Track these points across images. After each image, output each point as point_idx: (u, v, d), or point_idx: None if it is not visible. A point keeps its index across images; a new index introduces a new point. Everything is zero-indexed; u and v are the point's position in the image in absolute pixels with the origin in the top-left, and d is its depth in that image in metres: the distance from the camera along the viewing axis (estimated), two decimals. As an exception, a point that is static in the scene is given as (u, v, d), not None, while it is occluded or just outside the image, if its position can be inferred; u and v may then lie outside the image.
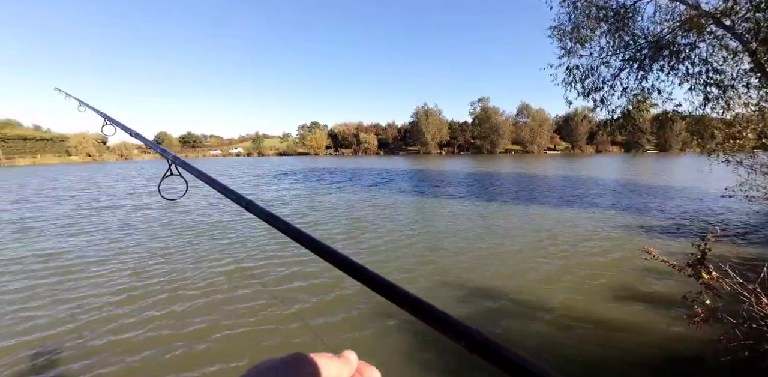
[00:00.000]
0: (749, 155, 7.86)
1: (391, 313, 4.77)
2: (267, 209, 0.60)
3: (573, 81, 8.71)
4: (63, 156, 69.10)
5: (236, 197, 0.73)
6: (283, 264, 6.90)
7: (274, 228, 0.57)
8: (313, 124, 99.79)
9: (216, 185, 0.78)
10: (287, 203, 15.06)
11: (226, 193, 0.75)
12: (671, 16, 7.88)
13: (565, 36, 8.46)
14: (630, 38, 8.04)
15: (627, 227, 9.94)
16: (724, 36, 7.40)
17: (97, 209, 13.47)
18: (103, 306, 5.23)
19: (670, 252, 7.36)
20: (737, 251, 7.57)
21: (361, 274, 0.46)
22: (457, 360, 3.84)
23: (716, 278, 3.38)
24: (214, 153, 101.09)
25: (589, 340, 4.28)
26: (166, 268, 6.81)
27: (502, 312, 5.03)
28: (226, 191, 0.76)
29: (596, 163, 43.30)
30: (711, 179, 15.92)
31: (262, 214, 0.62)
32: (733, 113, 7.50)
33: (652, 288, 5.73)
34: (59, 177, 29.79)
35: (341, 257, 0.48)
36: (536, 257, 7.36)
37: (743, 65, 7.31)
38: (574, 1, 8.06)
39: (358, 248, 8.11)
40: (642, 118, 8.60)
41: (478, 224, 10.41)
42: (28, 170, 44.20)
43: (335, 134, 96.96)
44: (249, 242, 8.50)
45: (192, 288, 5.82)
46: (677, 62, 7.54)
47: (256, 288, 5.81)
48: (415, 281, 6.09)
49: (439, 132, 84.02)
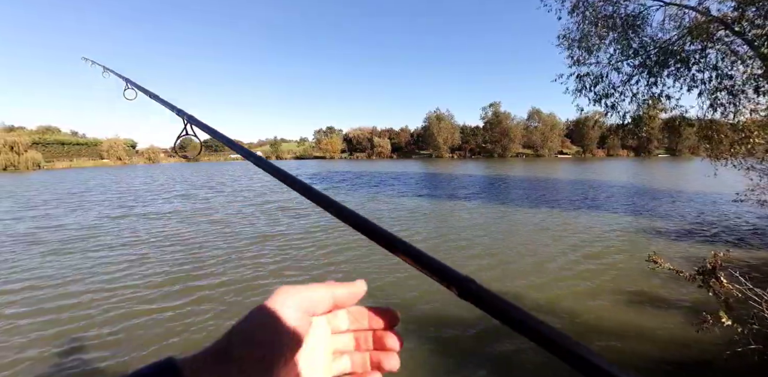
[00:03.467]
0: (760, 160, 7.85)
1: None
2: (274, 165, 0.63)
3: (584, 88, 8.80)
4: (96, 159, 72.85)
5: (246, 153, 0.77)
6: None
7: (284, 183, 0.58)
8: (328, 128, 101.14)
9: (230, 143, 0.83)
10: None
11: (238, 149, 0.80)
12: (680, 23, 7.95)
13: (574, 45, 8.56)
14: (639, 46, 8.12)
15: (638, 230, 9.92)
16: (733, 41, 7.43)
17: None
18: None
19: (683, 257, 7.37)
20: (748, 255, 7.54)
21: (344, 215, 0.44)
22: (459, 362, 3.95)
23: (726, 287, 3.44)
24: (235, 156, 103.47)
25: (599, 344, 4.35)
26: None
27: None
28: (237, 148, 0.81)
29: (607, 167, 42.82)
30: (722, 183, 15.70)
31: (271, 169, 0.64)
32: (742, 118, 7.52)
33: (662, 293, 5.77)
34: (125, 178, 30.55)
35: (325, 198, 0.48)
36: (544, 261, 7.42)
37: (755, 70, 7.32)
38: (582, 11, 8.17)
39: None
40: (652, 123, 8.65)
41: (488, 226, 10.47)
42: (72, 172, 45.53)
43: (350, 139, 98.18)
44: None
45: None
46: (686, 69, 7.60)
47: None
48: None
49: (451, 136, 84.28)
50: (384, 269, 6.79)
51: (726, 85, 7.44)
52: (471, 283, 0.34)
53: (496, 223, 11.43)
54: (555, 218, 11.89)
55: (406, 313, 5.12)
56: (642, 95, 8.38)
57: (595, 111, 8.89)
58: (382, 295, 5.78)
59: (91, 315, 5.22)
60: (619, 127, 9.02)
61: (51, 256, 8.13)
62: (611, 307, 5.38)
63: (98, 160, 72.88)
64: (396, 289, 6.00)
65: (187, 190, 22.13)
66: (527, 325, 0.30)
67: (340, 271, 6.97)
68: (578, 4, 8.16)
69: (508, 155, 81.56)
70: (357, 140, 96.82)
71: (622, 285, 6.14)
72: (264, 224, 11.35)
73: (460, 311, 4.95)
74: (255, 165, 0.71)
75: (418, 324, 4.86)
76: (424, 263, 0.36)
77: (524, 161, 67.69)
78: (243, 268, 7.15)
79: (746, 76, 7.37)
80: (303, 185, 0.53)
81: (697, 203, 14.69)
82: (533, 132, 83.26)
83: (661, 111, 8.51)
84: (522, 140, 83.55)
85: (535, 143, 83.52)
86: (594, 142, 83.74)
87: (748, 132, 7.20)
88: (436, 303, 5.40)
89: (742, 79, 7.41)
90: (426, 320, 4.97)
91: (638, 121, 8.66)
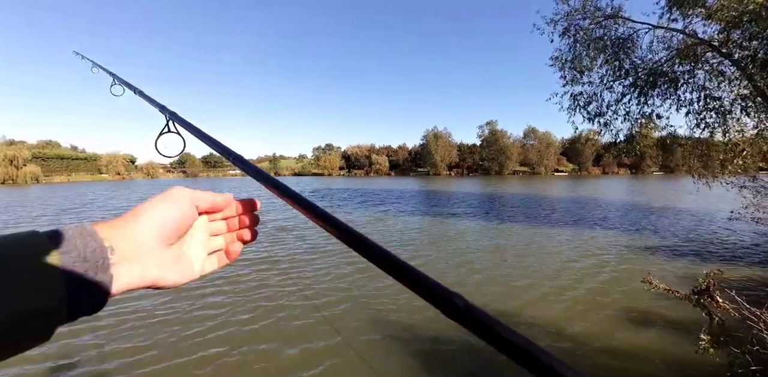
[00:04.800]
0: (750, 178, 7.93)
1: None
2: (254, 165, 0.61)
3: (578, 106, 8.95)
4: (95, 174, 73.35)
5: (225, 151, 0.75)
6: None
7: (264, 185, 0.55)
8: (327, 146, 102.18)
9: (212, 142, 0.81)
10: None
11: (218, 149, 0.79)
12: (668, 45, 8.17)
13: (566, 66, 8.76)
14: (630, 67, 8.32)
15: (634, 249, 9.88)
16: (721, 62, 7.62)
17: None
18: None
19: (679, 275, 7.32)
20: (743, 273, 7.50)
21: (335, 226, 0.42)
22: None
23: (723, 306, 3.40)
24: (233, 173, 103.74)
25: (596, 365, 4.26)
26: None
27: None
28: (218, 147, 0.79)
29: (603, 184, 43.08)
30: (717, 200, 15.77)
31: (249, 169, 0.61)
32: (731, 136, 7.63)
33: (659, 313, 5.70)
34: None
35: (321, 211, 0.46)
36: (542, 279, 7.35)
37: (741, 90, 7.48)
38: (573, 34, 8.41)
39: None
40: (645, 141, 8.77)
41: (483, 245, 10.41)
42: (68, 186, 45.12)
43: (348, 156, 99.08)
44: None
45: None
46: (675, 89, 7.77)
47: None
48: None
49: (448, 154, 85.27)
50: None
51: (714, 106, 7.59)
52: (458, 299, 0.32)
53: (491, 240, 11.39)
54: (549, 236, 11.86)
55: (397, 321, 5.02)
56: (634, 113, 8.54)
57: (589, 129, 9.02)
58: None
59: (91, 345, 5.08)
60: (611, 145, 9.14)
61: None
62: (608, 327, 5.30)
63: (97, 175, 73.34)
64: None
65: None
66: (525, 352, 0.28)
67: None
68: (569, 28, 8.41)
69: (505, 173, 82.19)
70: (355, 157, 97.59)
71: (619, 305, 6.07)
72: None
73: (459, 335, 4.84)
74: (237, 167, 0.70)
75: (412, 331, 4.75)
76: (404, 274, 0.36)
77: (521, 178, 68.07)
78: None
79: (733, 97, 7.52)
80: (287, 189, 0.53)
81: (693, 221, 14.71)
82: (529, 150, 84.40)
83: (652, 130, 8.65)
84: (518, 158, 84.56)
85: (531, 161, 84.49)
86: (590, 160, 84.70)
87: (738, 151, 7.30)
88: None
89: (729, 100, 7.56)
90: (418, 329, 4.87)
91: (631, 139, 8.78)
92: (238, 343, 4.78)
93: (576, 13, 8.33)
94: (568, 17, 8.44)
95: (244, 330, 5.21)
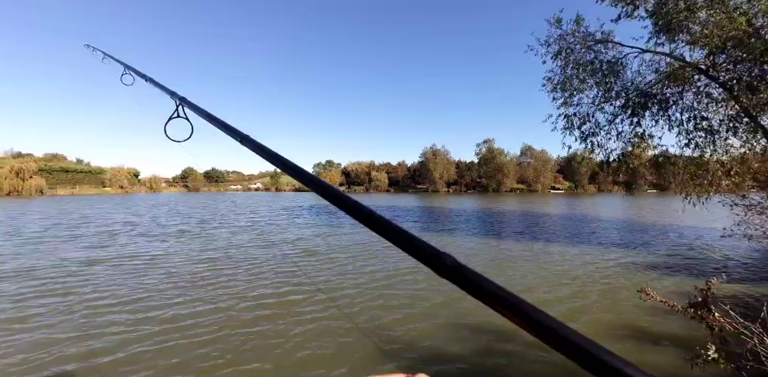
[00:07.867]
0: (740, 196, 8.10)
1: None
2: (262, 144, 0.61)
3: (571, 127, 9.17)
4: (99, 187, 73.74)
5: (233, 132, 0.76)
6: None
7: (270, 162, 0.58)
8: (328, 162, 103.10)
9: (217, 122, 0.82)
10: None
11: (225, 129, 0.80)
12: (656, 68, 8.48)
13: (558, 87, 9.05)
14: (620, 88, 8.61)
15: (630, 264, 9.99)
16: (709, 85, 7.90)
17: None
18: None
19: (674, 291, 7.37)
20: (738, 289, 7.61)
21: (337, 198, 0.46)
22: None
23: (719, 320, 3.46)
24: (235, 188, 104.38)
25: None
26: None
27: (501, 351, 5.04)
28: (224, 127, 0.80)
29: (598, 202, 43.54)
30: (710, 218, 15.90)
31: (257, 148, 0.61)
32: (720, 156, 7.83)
33: (655, 327, 5.75)
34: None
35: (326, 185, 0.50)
36: (536, 293, 7.39)
37: (729, 111, 7.74)
38: (564, 57, 8.73)
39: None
40: (637, 161, 8.95)
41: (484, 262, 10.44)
42: (71, 199, 44.62)
43: (348, 172, 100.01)
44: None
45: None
46: (664, 111, 8.03)
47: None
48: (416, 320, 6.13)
49: (446, 171, 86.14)
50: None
51: (703, 126, 7.82)
52: (447, 258, 0.35)
53: (490, 255, 11.42)
54: (547, 252, 11.95)
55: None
56: (626, 134, 8.76)
57: (584, 148, 9.20)
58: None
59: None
60: (603, 164, 9.33)
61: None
62: (603, 341, 5.28)
63: (101, 188, 73.93)
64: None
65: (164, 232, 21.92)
66: (507, 301, 0.33)
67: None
68: (561, 51, 8.74)
69: (503, 190, 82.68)
70: (355, 174, 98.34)
71: (615, 319, 6.11)
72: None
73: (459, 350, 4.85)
74: (246, 147, 0.72)
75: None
76: (398, 238, 0.40)
77: (518, 195, 68.47)
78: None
79: (721, 118, 7.76)
80: (297, 168, 0.56)
81: (687, 238, 14.87)
82: (526, 168, 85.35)
83: (645, 150, 8.85)
84: (516, 176, 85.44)
85: (528, 179, 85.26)
86: (585, 177, 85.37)
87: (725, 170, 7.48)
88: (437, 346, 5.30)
89: (717, 121, 7.80)
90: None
91: (624, 159, 8.97)
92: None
93: (568, 37, 8.67)
94: (560, 39, 8.77)
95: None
